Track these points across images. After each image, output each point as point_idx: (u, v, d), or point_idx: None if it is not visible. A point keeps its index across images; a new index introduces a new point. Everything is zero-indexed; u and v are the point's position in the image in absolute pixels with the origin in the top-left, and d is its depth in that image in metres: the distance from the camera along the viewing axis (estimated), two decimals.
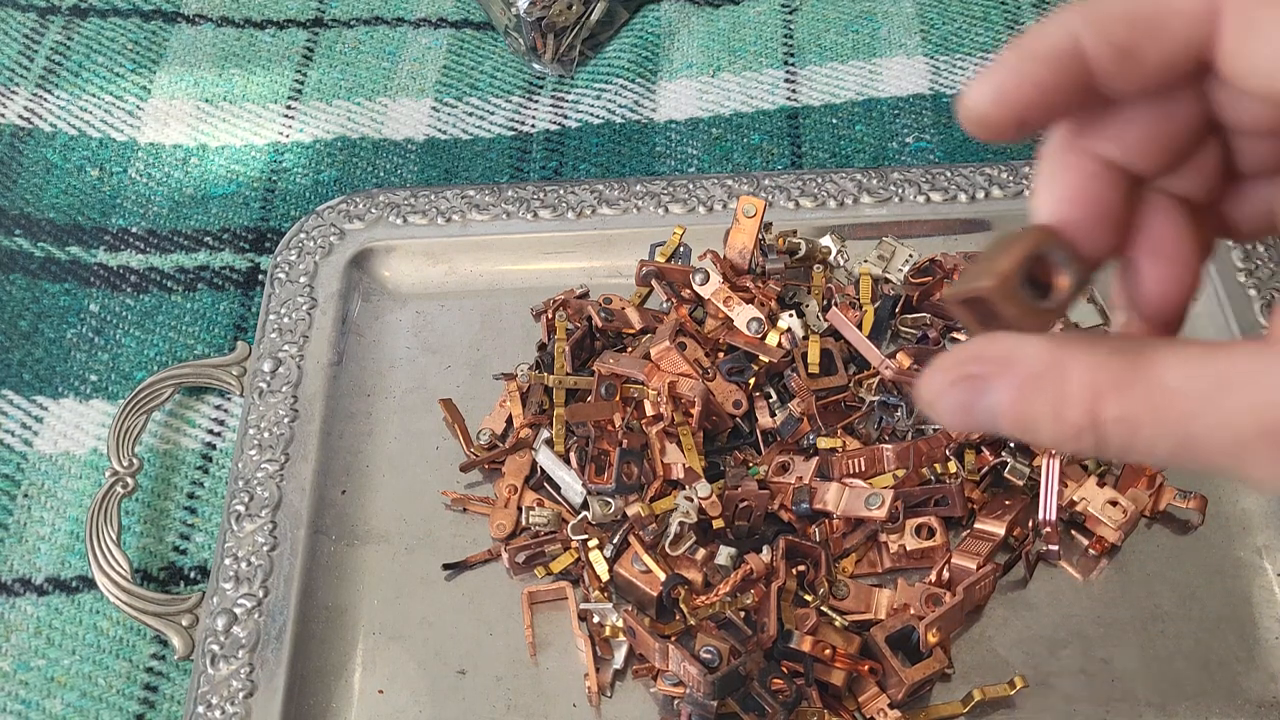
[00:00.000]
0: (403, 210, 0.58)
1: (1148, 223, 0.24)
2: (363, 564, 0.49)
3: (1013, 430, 0.22)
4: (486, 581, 0.48)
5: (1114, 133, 0.23)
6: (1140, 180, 0.24)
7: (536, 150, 0.65)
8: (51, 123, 0.66)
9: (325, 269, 0.56)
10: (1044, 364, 0.21)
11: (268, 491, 0.49)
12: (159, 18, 0.71)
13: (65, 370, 0.56)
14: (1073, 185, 0.23)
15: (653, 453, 0.48)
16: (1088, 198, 0.23)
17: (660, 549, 0.46)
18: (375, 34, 0.71)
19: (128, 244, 0.61)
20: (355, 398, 0.53)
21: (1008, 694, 0.44)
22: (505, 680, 0.46)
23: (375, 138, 0.65)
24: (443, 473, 0.51)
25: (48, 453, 0.54)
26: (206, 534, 0.51)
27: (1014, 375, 0.22)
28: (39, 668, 0.48)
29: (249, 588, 0.47)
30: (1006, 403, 0.22)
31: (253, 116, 0.66)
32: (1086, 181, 0.23)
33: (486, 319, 0.56)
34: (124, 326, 0.58)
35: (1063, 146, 0.24)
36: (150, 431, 0.54)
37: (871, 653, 0.44)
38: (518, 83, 0.68)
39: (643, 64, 0.68)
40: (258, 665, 0.45)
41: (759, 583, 0.45)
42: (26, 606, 0.49)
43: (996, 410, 0.22)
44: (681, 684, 0.43)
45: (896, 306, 0.53)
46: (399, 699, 0.45)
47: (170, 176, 0.64)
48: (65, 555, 0.51)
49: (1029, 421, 0.22)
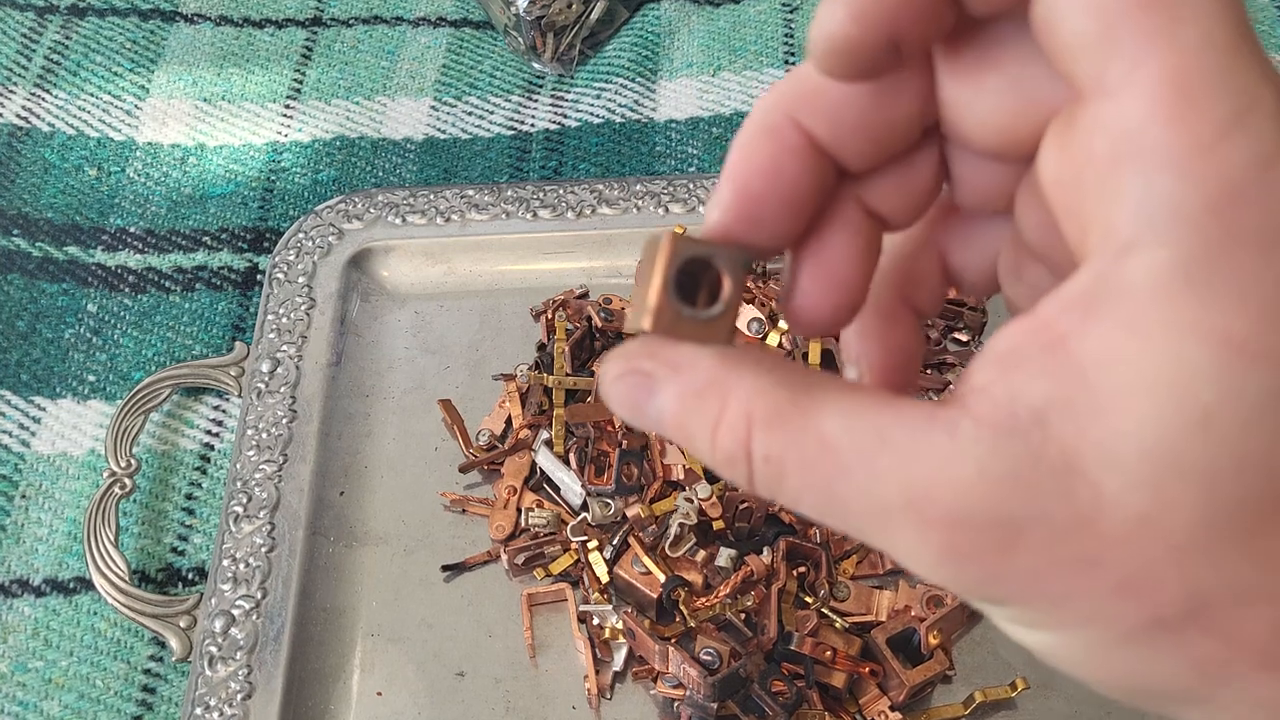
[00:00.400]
0: (402, 210, 0.58)
1: (827, 223, 0.22)
2: (361, 565, 0.49)
3: (677, 441, 0.21)
4: (486, 583, 0.48)
5: (826, 109, 0.21)
6: (843, 174, 0.22)
7: (536, 150, 0.64)
8: (49, 122, 0.66)
9: (324, 269, 0.56)
10: (707, 381, 0.20)
11: (266, 492, 0.49)
12: (157, 17, 0.71)
13: (63, 370, 0.56)
14: (768, 154, 0.21)
15: (652, 454, 0.48)
16: (778, 171, 0.21)
17: (660, 550, 0.46)
18: (374, 33, 0.70)
19: (126, 244, 0.61)
20: (354, 398, 0.53)
21: (1009, 696, 0.43)
22: (504, 682, 0.45)
23: (374, 137, 0.65)
24: (442, 474, 0.51)
25: (45, 453, 0.53)
26: (204, 535, 0.51)
27: (679, 384, 0.20)
28: (37, 669, 0.47)
29: (247, 589, 0.46)
30: (669, 411, 0.20)
31: (251, 116, 0.66)
32: (782, 154, 0.21)
33: (486, 319, 0.56)
34: (122, 327, 0.58)
35: (774, 108, 0.21)
36: (148, 432, 0.54)
37: (872, 655, 0.44)
38: (517, 82, 0.68)
39: (643, 63, 0.68)
40: (256, 667, 0.44)
41: (759, 584, 0.45)
42: (24, 608, 0.49)
43: (663, 415, 0.20)
44: (681, 686, 0.42)
45: None
46: (398, 701, 0.45)
47: (168, 176, 0.63)
48: (63, 556, 0.50)
49: (688, 436, 0.20)
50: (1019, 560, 0.17)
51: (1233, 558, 0.17)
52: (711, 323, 0.21)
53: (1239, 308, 0.16)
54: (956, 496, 0.17)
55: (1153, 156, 0.16)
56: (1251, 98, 0.16)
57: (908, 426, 0.18)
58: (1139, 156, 0.16)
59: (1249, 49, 0.16)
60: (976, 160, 0.22)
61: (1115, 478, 0.17)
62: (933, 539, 0.18)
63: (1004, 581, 0.18)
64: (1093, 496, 0.17)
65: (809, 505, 0.19)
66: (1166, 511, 0.17)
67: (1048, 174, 0.18)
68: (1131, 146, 0.16)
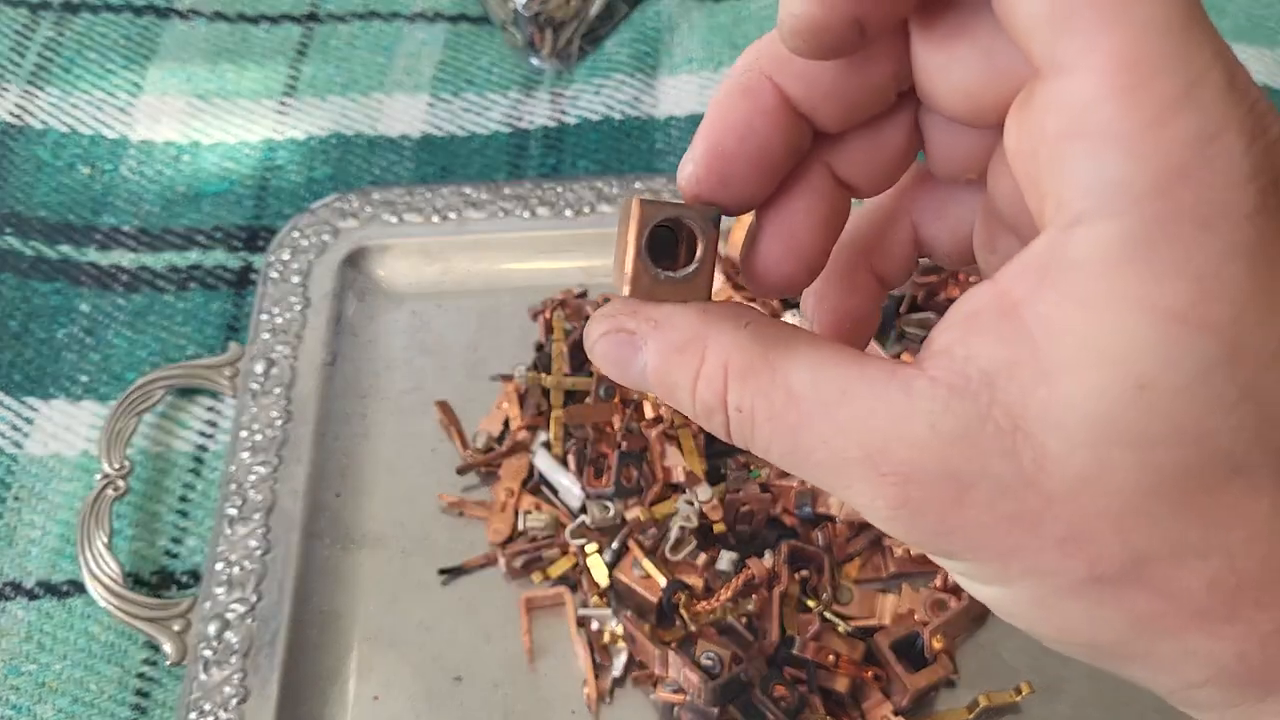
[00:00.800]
0: (398, 208, 0.57)
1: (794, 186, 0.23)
2: (357, 568, 0.48)
3: (660, 395, 0.22)
4: (483, 586, 0.47)
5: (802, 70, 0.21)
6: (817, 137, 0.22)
7: (534, 147, 0.64)
8: (42, 120, 0.65)
9: (319, 268, 0.56)
10: (687, 336, 0.21)
11: (261, 494, 0.48)
12: (151, 13, 0.70)
13: (56, 371, 0.56)
14: (742, 113, 0.22)
15: (652, 456, 0.47)
16: (751, 131, 0.21)
17: (660, 554, 0.46)
18: (370, 28, 0.70)
19: (119, 243, 0.60)
20: (350, 399, 0.53)
21: (1014, 700, 0.43)
22: (502, 687, 0.45)
23: (370, 134, 0.64)
24: (439, 476, 0.50)
25: (38, 455, 0.53)
26: (199, 537, 0.50)
27: (661, 340, 0.21)
28: (30, 673, 0.47)
29: (242, 592, 0.46)
30: (652, 366, 0.21)
31: (246, 113, 0.65)
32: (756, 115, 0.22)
33: (483, 319, 0.56)
34: (115, 326, 0.57)
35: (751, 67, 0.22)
36: (141, 433, 0.53)
37: (876, 659, 0.44)
38: (515, 78, 0.67)
39: (643, 59, 0.67)
40: (251, 671, 0.44)
41: (761, 588, 0.44)
42: (17, 611, 0.49)
43: (646, 370, 0.21)
44: (682, 691, 0.42)
45: (901, 306, 0.52)
46: (394, 705, 0.45)
47: (162, 174, 0.63)
48: (56, 559, 0.50)
49: (671, 390, 0.21)
50: (967, 515, 0.19)
51: (1170, 518, 0.18)
52: (688, 280, 0.22)
53: (1178, 281, 0.17)
54: (909, 451, 0.18)
55: (1102, 133, 0.17)
56: (1199, 74, 0.16)
57: (869, 382, 0.19)
58: (1089, 134, 0.17)
59: (1199, 28, 0.17)
60: (950, 127, 0.22)
61: (1058, 440, 0.18)
62: (886, 491, 0.19)
63: (954, 535, 0.19)
64: (1036, 457, 0.18)
65: (777, 455, 0.20)
66: (1106, 473, 0.17)
67: (1010, 146, 0.19)
68: (1082, 124, 0.17)
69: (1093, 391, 0.17)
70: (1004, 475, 0.18)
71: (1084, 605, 0.19)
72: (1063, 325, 0.17)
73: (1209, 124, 0.16)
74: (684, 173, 0.22)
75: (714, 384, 0.20)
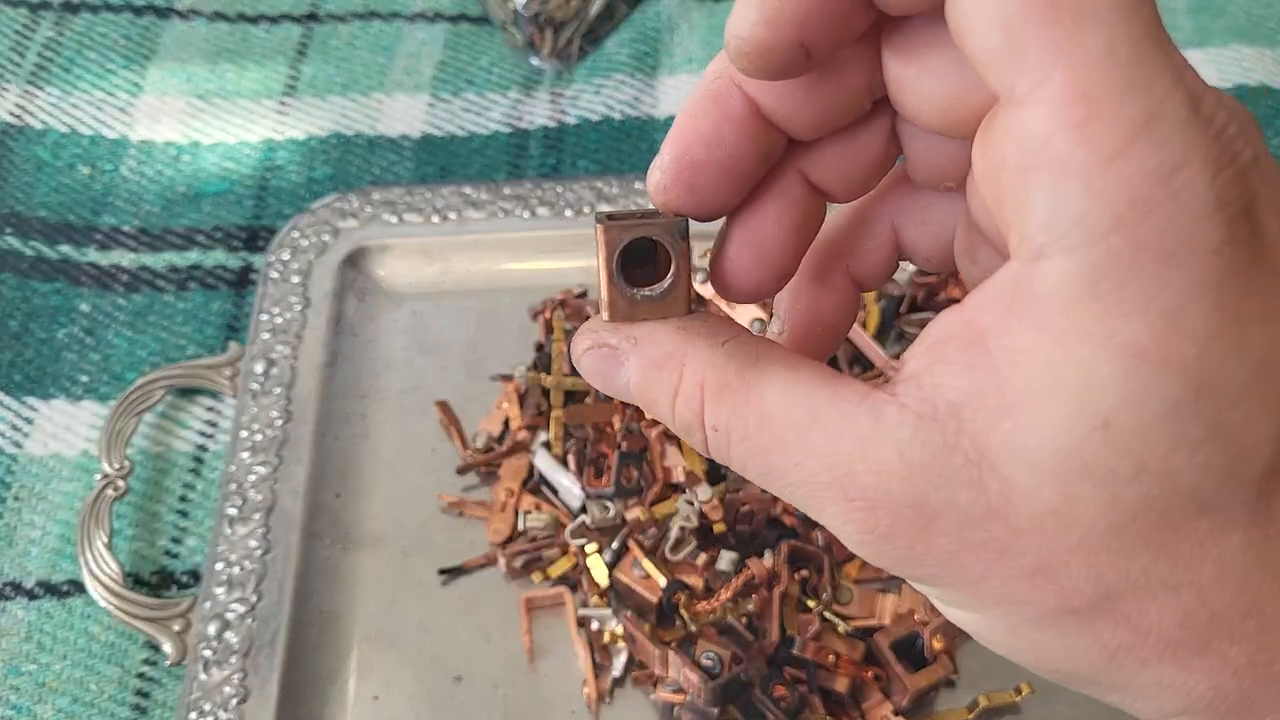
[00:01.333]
0: (398, 208, 0.57)
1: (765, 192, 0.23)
2: (357, 568, 0.48)
3: (644, 409, 0.22)
4: (483, 587, 0.47)
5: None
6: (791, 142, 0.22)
7: (534, 147, 0.64)
8: (42, 120, 0.65)
9: (319, 268, 0.56)
10: (666, 353, 0.21)
11: (261, 495, 0.48)
12: (151, 13, 0.70)
13: (56, 371, 0.55)
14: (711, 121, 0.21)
15: (652, 456, 0.47)
16: (719, 140, 0.21)
17: (660, 554, 0.45)
18: (370, 28, 0.70)
19: (119, 243, 0.60)
20: (350, 399, 0.53)
21: (1014, 700, 0.43)
22: (502, 687, 0.45)
23: (370, 134, 0.64)
24: (439, 476, 0.50)
25: (38, 455, 0.53)
26: (199, 538, 0.50)
27: (641, 356, 0.21)
28: (30, 673, 0.47)
29: (242, 592, 0.46)
30: (634, 383, 0.22)
31: (246, 113, 0.65)
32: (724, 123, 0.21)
33: (483, 319, 0.55)
34: (115, 326, 0.57)
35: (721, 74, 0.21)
36: (141, 433, 0.53)
37: (876, 659, 0.44)
38: (515, 78, 0.67)
39: (643, 59, 0.67)
40: (251, 671, 0.44)
41: (761, 588, 0.44)
42: (17, 611, 0.49)
43: (629, 385, 0.22)
44: (682, 691, 0.42)
45: (901, 306, 0.52)
46: (394, 705, 0.45)
47: (162, 174, 0.63)
48: (56, 559, 0.50)
49: (653, 405, 0.22)
50: (935, 542, 0.19)
51: (1138, 553, 0.18)
52: (664, 297, 0.22)
53: (1141, 318, 0.16)
54: (877, 477, 0.18)
55: (1058, 168, 0.16)
56: (1158, 104, 0.16)
57: (839, 405, 0.19)
58: (1045, 167, 0.17)
59: (1159, 52, 0.16)
60: (927, 137, 0.22)
61: (1024, 473, 0.18)
62: (855, 516, 0.19)
63: (923, 562, 0.19)
64: (1002, 489, 0.18)
65: (753, 474, 0.20)
66: (1073, 507, 0.17)
67: (977, 169, 0.19)
68: (1041, 156, 0.17)
69: (1058, 426, 0.17)
70: (970, 506, 0.18)
71: (1056, 635, 0.19)
72: (1027, 358, 0.17)
73: (1170, 156, 0.16)
74: (652, 180, 0.22)
75: (691, 402, 0.21)
